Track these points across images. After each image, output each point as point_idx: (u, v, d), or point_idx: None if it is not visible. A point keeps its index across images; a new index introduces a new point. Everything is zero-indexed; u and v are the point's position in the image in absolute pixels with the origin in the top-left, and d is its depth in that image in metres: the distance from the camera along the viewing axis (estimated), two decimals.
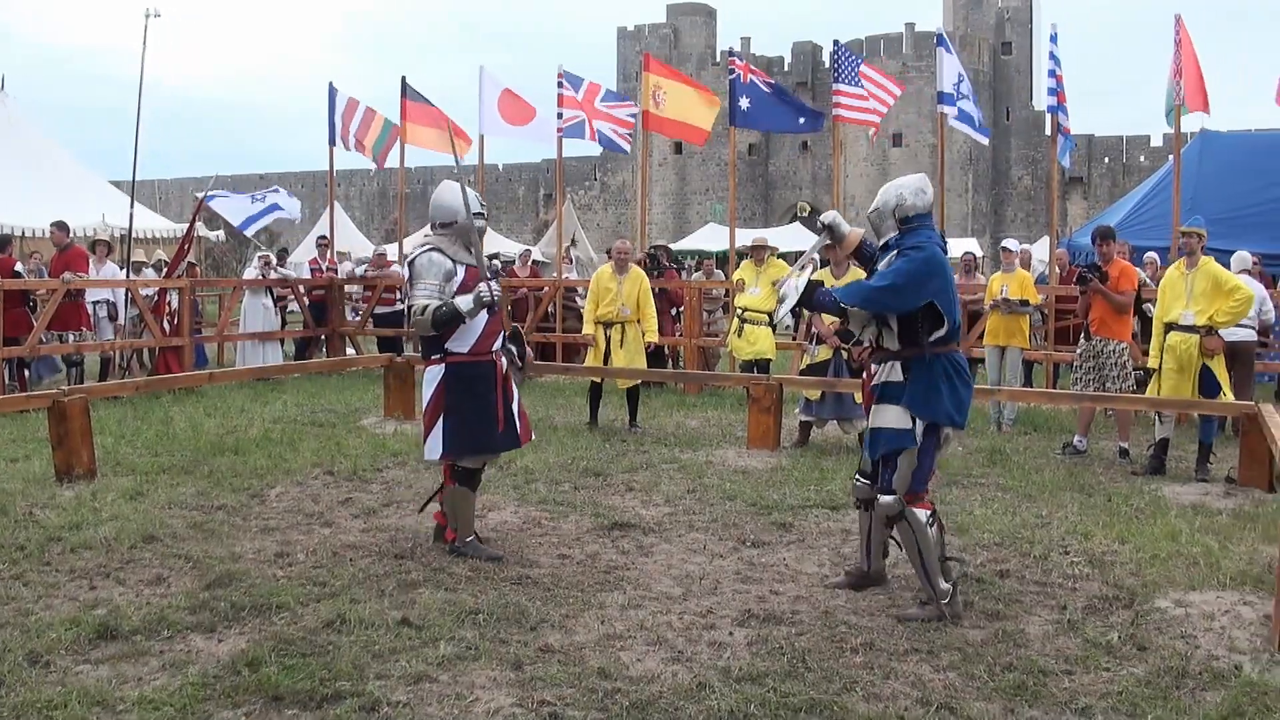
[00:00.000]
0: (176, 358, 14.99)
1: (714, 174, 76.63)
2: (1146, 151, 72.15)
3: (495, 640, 5.18)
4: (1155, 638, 5.39)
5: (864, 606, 5.85)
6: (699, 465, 9.67)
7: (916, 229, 5.86)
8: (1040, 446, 10.96)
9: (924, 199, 5.89)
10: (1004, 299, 11.91)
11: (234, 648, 5.05)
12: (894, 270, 5.71)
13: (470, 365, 6.57)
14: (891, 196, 5.92)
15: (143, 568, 6.33)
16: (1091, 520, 7.76)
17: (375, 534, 7.21)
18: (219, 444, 10.16)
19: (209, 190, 20.44)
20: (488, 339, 6.62)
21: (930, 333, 5.76)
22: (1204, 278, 9.48)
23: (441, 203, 6.74)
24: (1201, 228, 9.67)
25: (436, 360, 6.60)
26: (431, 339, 6.59)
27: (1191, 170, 16.84)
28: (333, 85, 19.67)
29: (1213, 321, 9.40)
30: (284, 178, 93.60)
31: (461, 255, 6.66)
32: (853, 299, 5.84)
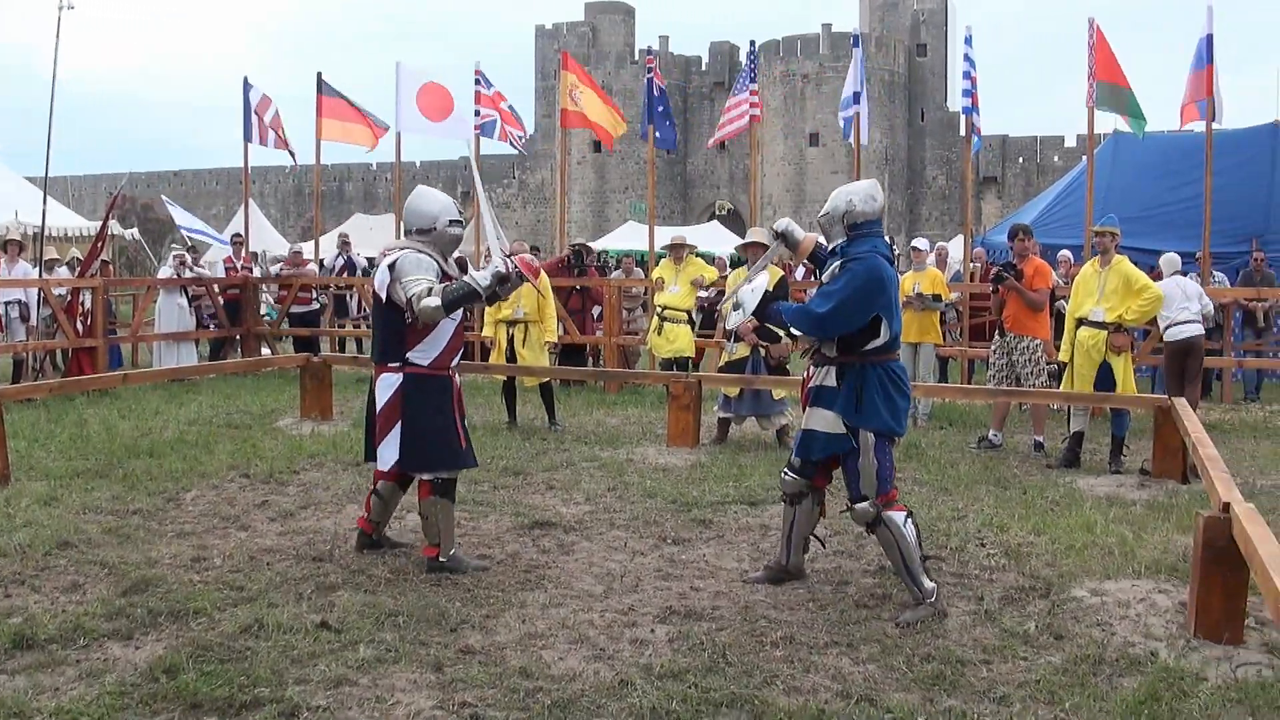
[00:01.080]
0: (90, 359, 14.65)
1: (633, 172, 76.71)
2: (1060, 152, 73.50)
3: (415, 642, 5.13)
4: (1072, 626, 5.49)
5: (784, 601, 5.88)
6: (619, 463, 9.67)
7: (865, 236, 5.82)
8: (956, 441, 11.12)
9: (873, 205, 5.85)
10: (916, 295, 12.06)
11: (151, 655, 4.95)
12: (838, 290, 5.68)
13: (429, 378, 6.35)
14: (841, 202, 5.87)
15: (58, 574, 6.18)
16: (1007, 513, 7.88)
17: (292, 537, 7.10)
18: (134, 447, 9.96)
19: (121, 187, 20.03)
20: (449, 354, 6.42)
21: (867, 342, 5.76)
22: (1116, 276, 9.66)
23: (418, 209, 6.52)
24: (1115, 227, 9.87)
25: (394, 368, 6.37)
26: (391, 345, 6.36)
27: (1105, 170, 17.23)
28: (247, 80, 19.34)
29: (1122, 319, 9.60)
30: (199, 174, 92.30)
31: (441, 263, 6.45)
32: (800, 325, 5.86)
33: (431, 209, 6.50)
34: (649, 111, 16.46)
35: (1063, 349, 10.11)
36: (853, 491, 5.82)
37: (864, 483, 5.76)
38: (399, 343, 6.34)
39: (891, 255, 5.96)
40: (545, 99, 77.90)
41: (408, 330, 6.30)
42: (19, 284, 14.85)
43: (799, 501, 6.16)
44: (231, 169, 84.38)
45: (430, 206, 6.52)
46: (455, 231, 6.56)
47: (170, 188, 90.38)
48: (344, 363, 13.93)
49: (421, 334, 6.30)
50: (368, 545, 6.77)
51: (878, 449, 5.75)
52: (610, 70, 78.02)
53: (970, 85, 15.12)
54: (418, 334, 6.30)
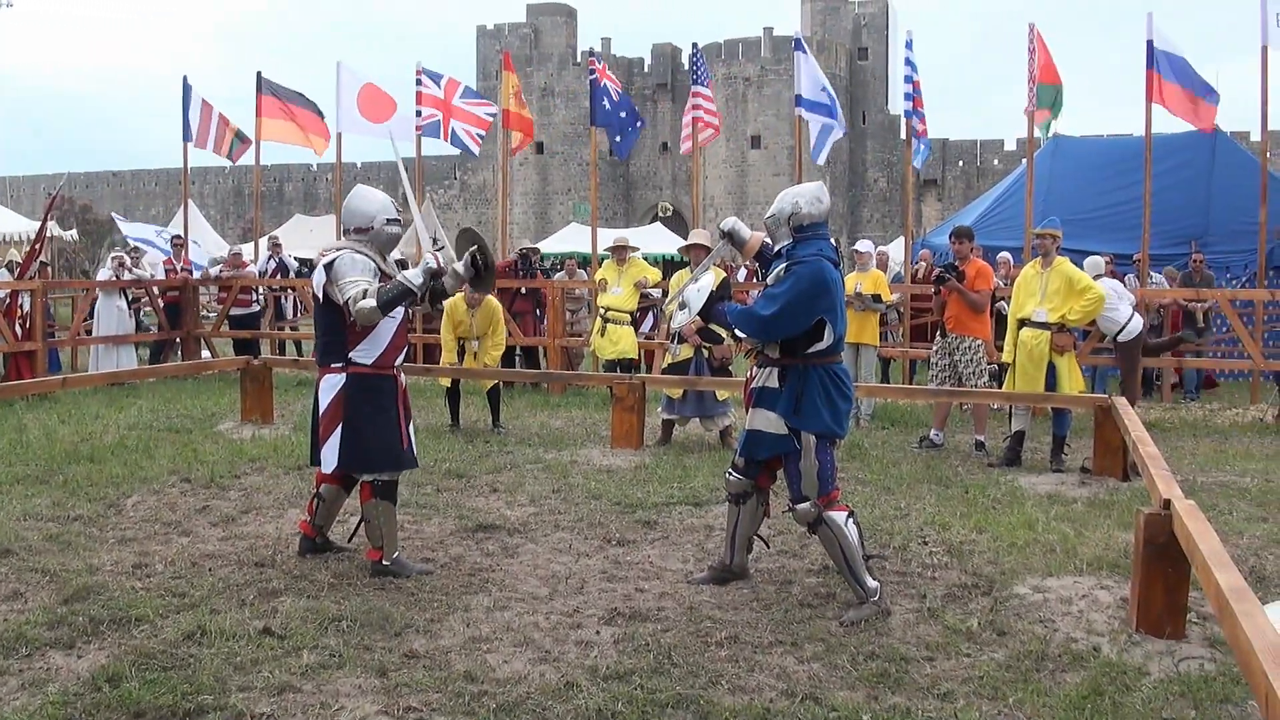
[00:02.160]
0: (29, 363, 14.40)
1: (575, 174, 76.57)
2: (1000, 155, 74.16)
3: (359, 647, 5.10)
4: (1014, 623, 5.56)
5: (728, 601, 5.91)
6: (563, 465, 9.65)
7: (810, 239, 5.85)
8: (898, 440, 11.21)
9: (819, 208, 5.88)
10: (857, 294, 12.14)
11: (94, 663, 4.88)
12: (782, 293, 5.69)
13: (372, 378, 6.30)
14: (787, 204, 5.90)
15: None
16: (949, 511, 7.96)
17: (234, 542, 7.03)
18: (74, 452, 9.80)
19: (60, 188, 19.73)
20: (393, 352, 6.37)
21: (810, 345, 5.78)
22: (1058, 277, 9.78)
23: (355, 208, 6.46)
24: (1057, 229, 9.98)
25: (337, 369, 6.32)
26: (333, 346, 6.32)
27: (1044, 173, 17.44)
28: (187, 81, 19.13)
29: (1064, 319, 9.72)
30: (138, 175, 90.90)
31: (379, 263, 6.40)
32: (745, 327, 5.89)
33: (369, 208, 6.46)
34: (598, 115, 16.44)
35: (1005, 349, 10.22)
36: (794, 492, 5.85)
37: (805, 484, 5.79)
38: (341, 343, 6.30)
39: (837, 258, 5.97)
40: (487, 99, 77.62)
41: (349, 330, 6.26)
42: None
43: (743, 501, 6.19)
44: (171, 169, 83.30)
45: (367, 206, 6.48)
46: (393, 230, 6.52)
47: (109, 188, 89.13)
48: (284, 365, 13.79)
49: (363, 334, 6.26)
50: (310, 549, 6.71)
51: (819, 450, 5.77)
52: (552, 72, 77.85)
53: (912, 89, 15.24)
54: (359, 334, 6.26)
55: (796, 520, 5.95)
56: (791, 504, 5.89)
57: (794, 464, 5.82)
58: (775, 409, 5.83)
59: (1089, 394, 10.17)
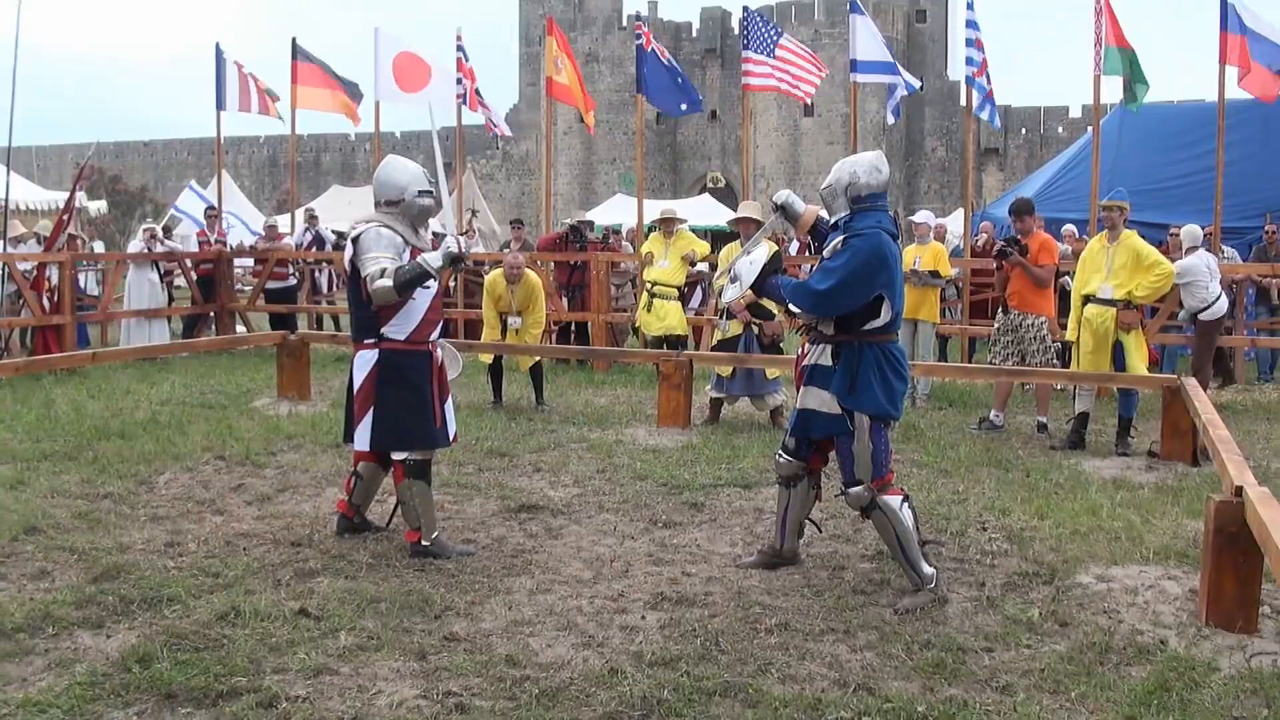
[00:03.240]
0: (57, 337, 14.60)
1: (621, 143, 76.46)
2: (1065, 122, 73.27)
3: (398, 630, 5.14)
4: (1077, 613, 5.51)
5: (778, 586, 5.90)
6: (608, 444, 9.67)
7: (869, 210, 5.80)
8: (956, 422, 11.14)
9: (878, 177, 5.82)
10: (914, 270, 12.05)
11: (124, 644, 4.94)
12: (839, 267, 5.65)
13: (405, 354, 6.33)
14: (845, 174, 5.83)
15: (25, 561, 6.16)
16: (1009, 496, 7.91)
17: (270, 521, 7.10)
18: (104, 428, 9.92)
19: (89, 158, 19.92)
20: (426, 327, 6.40)
21: (866, 321, 5.74)
22: (1125, 251, 9.66)
23: (386, 179, 6.48)
24: (1124, 201, 9.86)
25: (370, 344, 6.38)
26: (366, 321, 6.37)
27: (1111, 142, 17.16)
28: (220, 46, 19.26)
29: (1131, 296, 9.60)
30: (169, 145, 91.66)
31: (409, 236, 6.43)
32: (799, 302, 5.85)
33: (400, 179, 6.47)
34: (644, 82, 16.35)
35: (1069, 327, 10.11)
36: (846, 475, 5.82)
37: (858, 466, 5.75)
38: (373, 318, 6.34)
39: (896, 231, 5.92)
40: (530, 66, 77.62)
41: (379, 306, 6.28)
42: None
43: (794, 484, 6.17)
44: (204, 139, 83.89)
45: (399, 176, 6.48)
46: (425, 202, 6.51)
47: (140, 158, 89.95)
48: (322, 340, 13.91)
49: (395, 308, 6.29)
50: (348, 529, 6.77)
51: (873, 432, 5.73)
52: (597, 37, 77.65)
53: (976, 51, 15.01)
54: (391, 308, 6.29)
55: (849, 504, 5.92)
56: (844, 487, 5.86)
57: (846, 446, 5.79)
58: (829, 388, 5.80)
59: (1157, 374, 10.03)
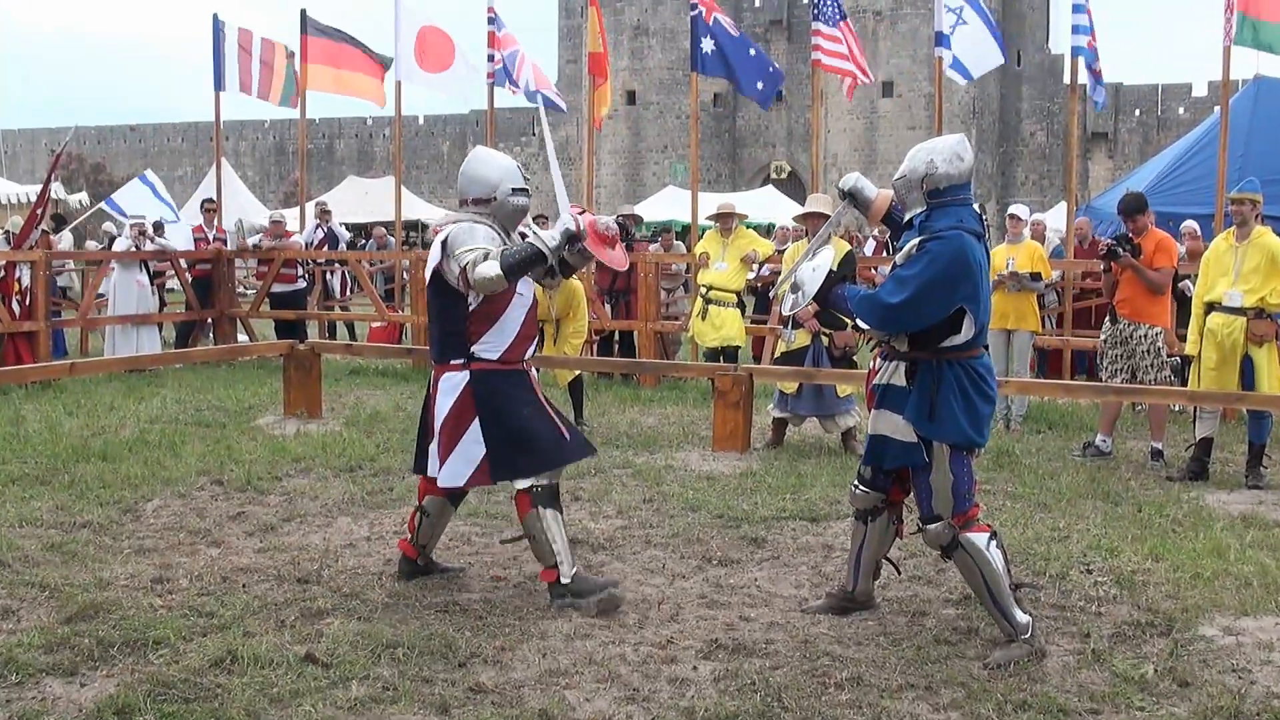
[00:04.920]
0: (29, 345, 14.73)
1: (673, 129, 76.58)
2: (1186, 102, 72.69)
3: (417, 679, 5.16)
4: (1200, 671, 5.44)
5: (849, 635, 5.88)
6: (656, 470, 9.67)
7: (948, 205, 5.73)
8: (1056, 447, 11.06)
9: (959, 166, 5.75)
10: (1011, 274, 11.97)
11: (100, 693, 4.98)
12: (913, 276, 5.59)
13: (501, 375, 6.29)
14: (920, 163, 5.77)
15: None
16: (1118, 533, 7.84)
17: (273, 555, 7.14)
18: (83, 448, 10.03)
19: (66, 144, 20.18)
20: (522, 344, 6.37)
21: (945, 337, 5.68)
22: (1257, 252, 9.55)
23: (475, 174, 6.46)
24: (1256, 193, 9.71)
25: (458, 365, 6.30)
26: (453, 340, 6.31)
27: (1242, 124, 16.84)
28: (218, 18, 19.45)
29: (1264, 303, 9.47)
30: (160, 129, 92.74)
31: (502, 236, 6.41)
32: (869, 317, 5.78)
33: (491, 175, 6.44)
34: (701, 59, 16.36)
35: (1189, 339, 9.99)
36: (924, 509, 5.77)
37: (937, 500, 5.70)
38: (461, 335, 6.29)
39: (982, 230, 5.85)
40: (570, 41, 77.94)
41: (469, 320, 6.25)
42: None
43: (871, 519, 6.13)
44: (201, 123, 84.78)
45: (489, 172, 6.45)
46: (520, 201, 6.46)
47: (126, 144, 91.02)
48: (335, 350, 14.01)
49: (486, 324, 6.25)
50: (412, 573, 6.67)
51: (954, 462, 5.68)
52: (647, 7, 77.87)
53: (1086, 21, 14.87)
54: (482, 324, 6.25)
55: (927, 543, 5.87)
56: (921, 524, 5.82)
57: (924, 477, 5.74)
58: (903, 412, 5.75)
59: None
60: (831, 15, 16.43)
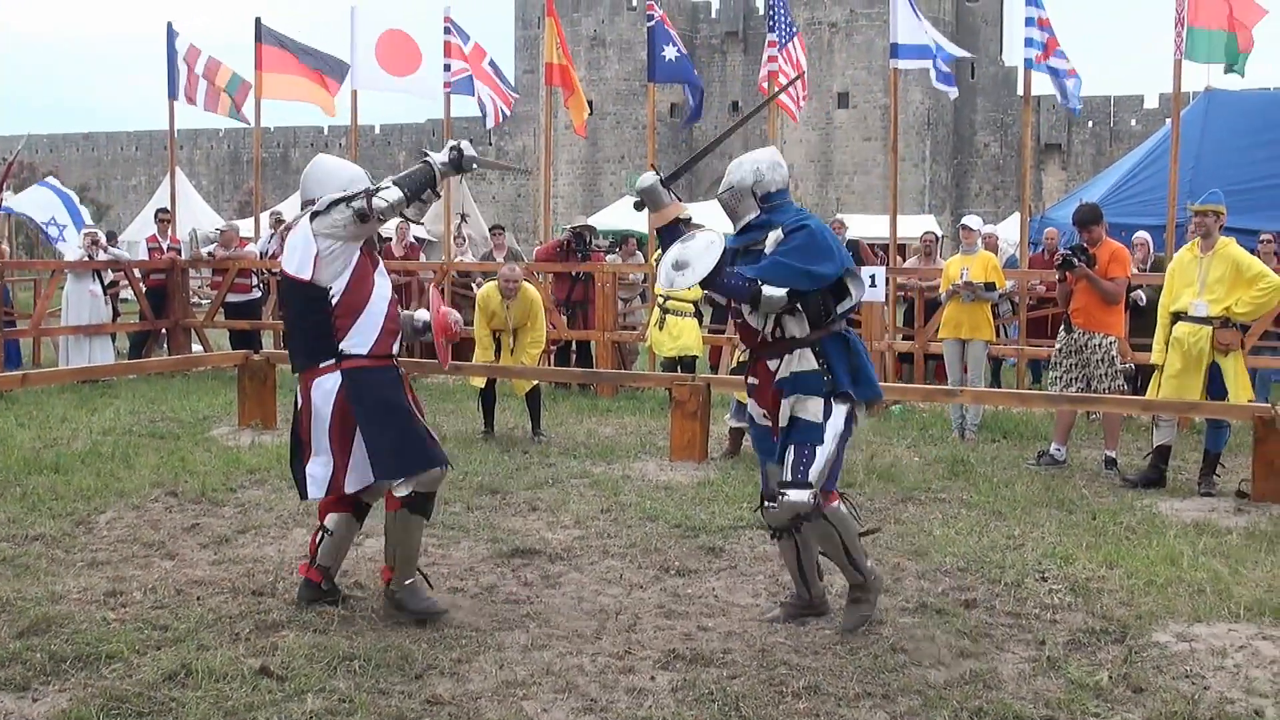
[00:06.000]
0: None
1: (630, 139, 76.74)
2: (1139, 114, 73.33)
3: (374, 691, 5.14)
4: (1154, 678, 5.47)
5: (806, 644, 5.89)
6: (614, 480, 9.66)
7: (783, 206, 6.15)
8: (1011, 456, 11.11)
9: (781, 173, 6.21)
10: (965, 283, 12.03)
11: (53, 708, 4.94)
12: (798, 248, 5.90)
13: (373, 371, 6.15)
14: (747, 173, 6.18)
15: None
16: (1073, 541, 7.88)
17: (228, 566, 7.10)
18: (35, 460, 9.94)
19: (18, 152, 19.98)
20: (388, 339, 6.23)
21: (839, 304, 6.00)
22: (1222, 262, 9.61)
23: (324, 178, 6.31)
24: (1220, 205, 9.76)
25: (327, 368, 6.13)
26: (317, 341, 6.15)
27: (1194, 136, 17.00)
28: (171, 26, 19.34)
29: (1230, 313, 9.55)
30: (114, 138, 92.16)
31: None
32: (787, 278, 5.86)
33: (340, 177, 6.28)
34: (657, 68, 16.40)
35: (1155, 349, 10.03)
36: (799, 475, 5.86)
37: (815, 471, 5.87)
38: (326, 336, 6.11)
39: None
40: (526, 51, 78.00)
41: (334, 315, 6.09)
42: None
43: (797, 529, 6.10)
44: (155, 131, 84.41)
45: (339, 174, 6.31)
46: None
47: (79, 153, 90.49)
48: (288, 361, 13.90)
49: (350, 317, 6.09)
50: (313, 597, 6.44)
51: (843, 438, 5.97)
52: (604, 18, 78.03)
53: (1038, 32, 14.92)
54: (346, 317, 6.09)
55: (779, 511, 5.95)
56: (781, 490, 5.91)
57: (810, 447, 5.88)
58: (817, 392, 5.92)
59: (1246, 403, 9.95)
60: (785, 31, 16.51)
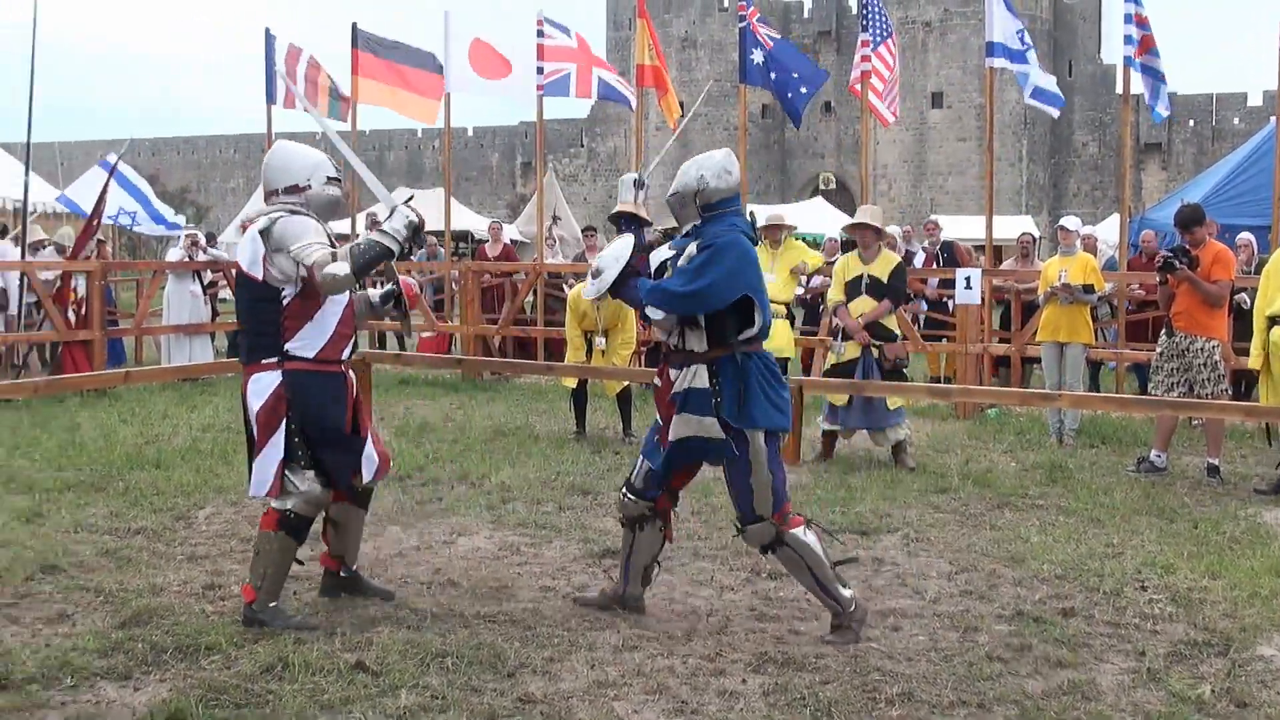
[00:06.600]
0: (85, 354, 14.90)
1: (721, 140, 76.50)
2: (1241, 112, 71.97)
3: (466, 689, 5.17)
4: (1258, 692, 5.37)
5: (900, 650, 5.84)
6: (705, 482, 9.60)
7: (721, 215, 6.04)
8: (1110, 462, 10.95)
9: (729, 180, 6.06)
10: (1063, 285, 11.87)
11: (153, 697, 5.02)
12: (701, 266, 5.85)
13: (315, 375, 6.00)
14: (692, 179, 6.07)
15: (41, 603, 6.29)
16: (1174, 550, 7.74)
17: None
18: (137, 456, 10.11)
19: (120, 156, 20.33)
20: (339, 343, 6.10)
21: (741, 330, 5.90)
22: None
23: (283, 165, 6.22)
24: None
25: (270, 364, 5.98)
26: (263, 338, 6.01)
27: None
28: (270, 32, 19.61)
29: None
30: (213, 141, 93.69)
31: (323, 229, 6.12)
32: (659, 303, 5.93)
33: (302, 164, 6.20)
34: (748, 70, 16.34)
35: (1253, 353, 9.86)
36: (744, 511, 5.92)
37: (759, 501, 5.87)
38: (274, 334, 5.99)
39: (754, 235, 6.19)
40: (618, 53, 78.09)
41: (284, 316, 5.97)
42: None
43: (640, 527, 6.27)
44: (253, 135, 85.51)
45: (299, 161, 6.22)
46: (333, 191, 6.26)
47: (180, 156, 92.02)
48: (385, 360, 14.05)
49: (301, 320, 5.98)
50: (334, 588, 6.49)
51: (771, 458, 5.87)
52: (694, 19, 78.06)
53: (1136, 27, 14.66)
54: (296, 320, 5.98)
55: (749, 542, 6.05)
56: (740, 525, 5.97)
57: (743, 479, 5.89)
58: (709, 412, 5.89)
59: None
60: (879, 31, 16.35)
